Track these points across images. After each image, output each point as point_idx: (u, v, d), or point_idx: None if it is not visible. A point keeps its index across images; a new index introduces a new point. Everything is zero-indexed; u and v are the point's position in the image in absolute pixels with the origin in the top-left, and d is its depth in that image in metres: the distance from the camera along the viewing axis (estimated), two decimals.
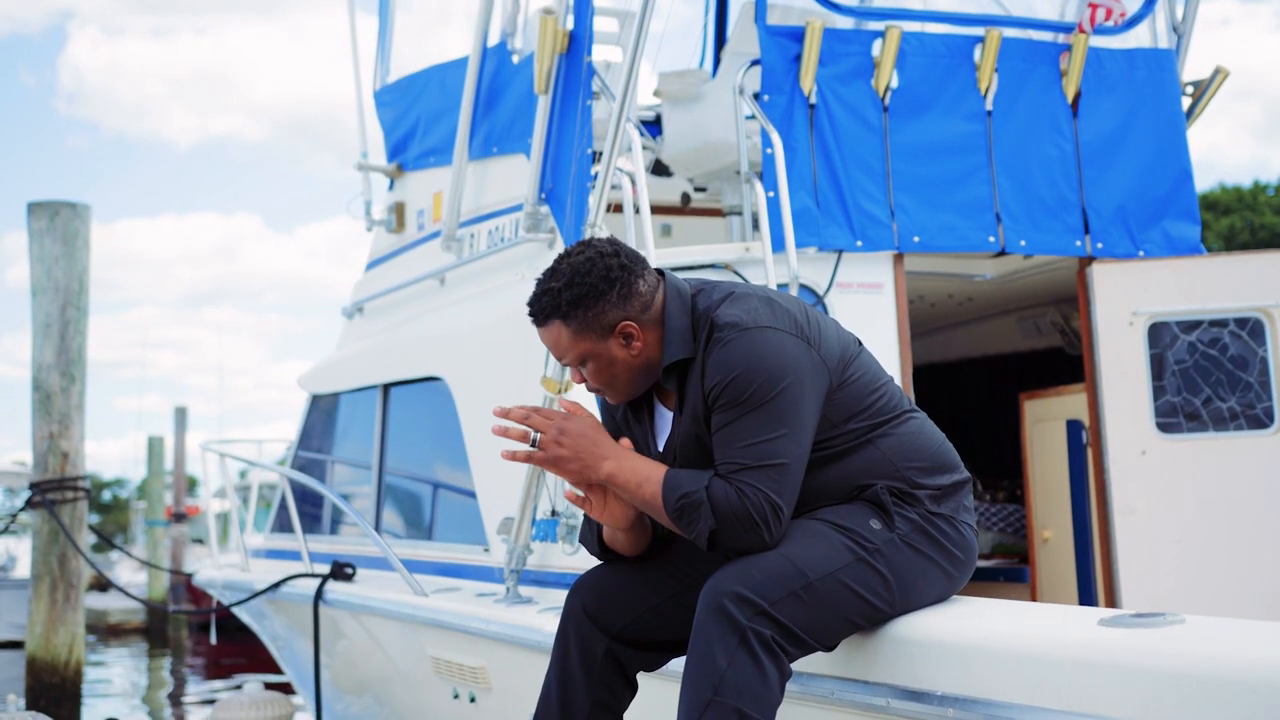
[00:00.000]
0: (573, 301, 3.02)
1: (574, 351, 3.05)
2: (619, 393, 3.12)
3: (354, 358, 7.27)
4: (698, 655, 2.75)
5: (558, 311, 3.03)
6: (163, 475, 23.51)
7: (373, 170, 7.31)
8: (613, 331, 3.02)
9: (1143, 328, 5.29)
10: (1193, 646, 2.28)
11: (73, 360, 8.34)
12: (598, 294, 3.01)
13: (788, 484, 2.83)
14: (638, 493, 2.94)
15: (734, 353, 2.88)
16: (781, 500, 2.82)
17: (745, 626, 2.71)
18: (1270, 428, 5.25)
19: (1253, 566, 5.15)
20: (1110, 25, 5.57)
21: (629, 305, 3.03)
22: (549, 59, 5.12)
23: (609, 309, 3.01)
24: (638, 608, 3.12)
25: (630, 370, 3.07)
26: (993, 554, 6.50)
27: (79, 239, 8.39)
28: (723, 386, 2.87)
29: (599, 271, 3.02)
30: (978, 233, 5.33)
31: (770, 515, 2.80)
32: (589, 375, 3.09)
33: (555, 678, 3.14)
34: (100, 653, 18.18)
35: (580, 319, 3.02)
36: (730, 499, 2.81)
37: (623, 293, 3.02)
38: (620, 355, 3.04)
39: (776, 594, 2.75)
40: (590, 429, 2.99)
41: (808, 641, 2.79)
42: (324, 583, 6.00)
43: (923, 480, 2.99)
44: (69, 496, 8.16)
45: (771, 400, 2.83)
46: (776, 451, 2.82)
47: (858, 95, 5.29)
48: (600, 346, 3.03)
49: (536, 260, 5.47)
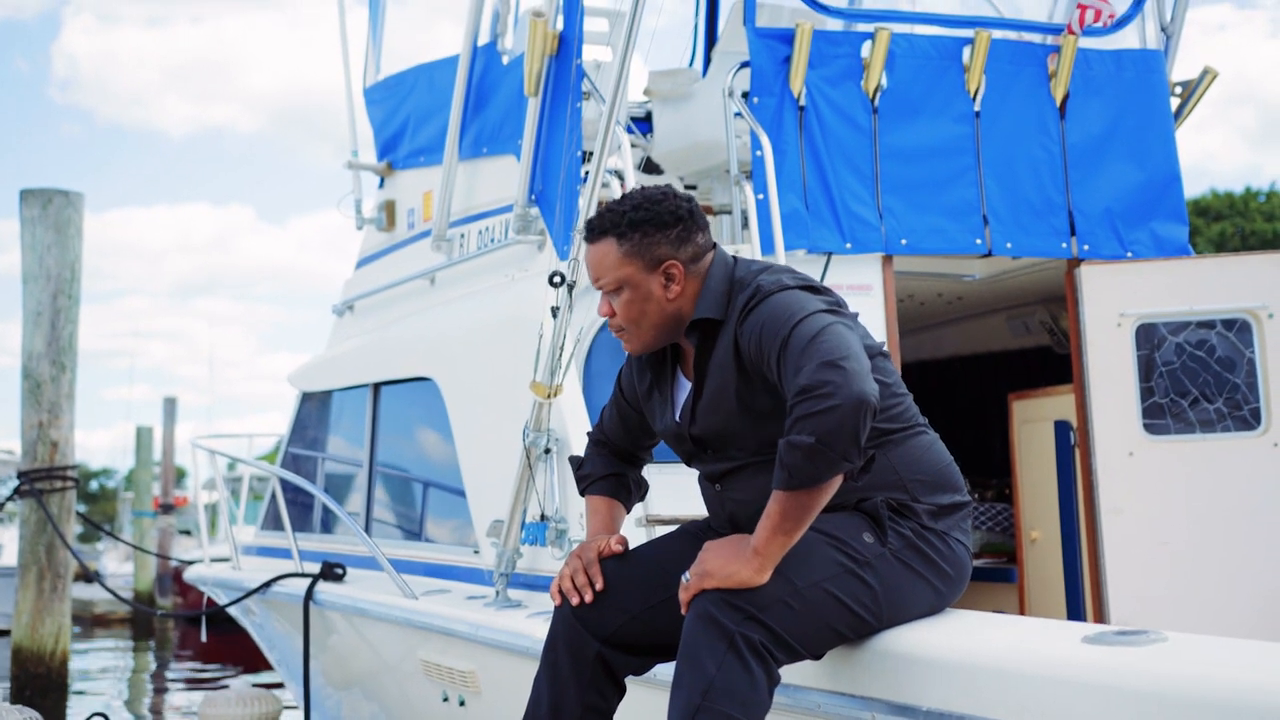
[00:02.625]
0: (633, 223, 3.10)
1: (615, 274, 3.11)
2: (639, 337, 3.15)
3: (344, 356, 7.27)
4: (687, 660, 2.76)
5: (615, 229, 3.12)
6: (151, 466, 23.44)
7: (363, 168, 7.31)
8: (659, 266, 3.10)
9: (1130, 329, 5.30)
10: (1175, 666, 2.30)
11: (63, 349, 8.34)
12: (659, 225, 3.10)
13: (854, 360, 2.72)
14: (781, 529, 2.77)
15: (774, 305, 2.92)
16: (854, 368, 2.69)
17: (734, 631, 2.72)
18: (1257, 429, 5.26)
19: (1240, 567, 5.17)
20: (1099, 26, 5.57)
21: (682, 249, 3.11)
22: (539, 61, 5.11)
23: (663, 244, 3.10)
24: (629, 611, 3.12)
25: (661, 314, 3.11)
26: (981, 553, 6.52)
27: (71, 227, 8.38)
28: (767, 336, 2.88)
29: (668, 207, 3.12)
30: (965, 235, 5.34)
31: (847, 388, 2.65)
32: (620, 307, 3.12)
33: (545, 681, 3.14)
34: (86, 643, 18.17)
35: (634, 242, 3.10)
36: (805, 409, 2.67)
37: (681, 235, 3.11)
38: (657, 293, 3.09)
39: (765, 599, 2.76)
40: (714, 554, 2.85)
41: (795, 648, 2.80)
42: (314, 583, 6.01)
43: (923, 496, 3.00)
44: (57, 486, 8.16)
45: (818, 335, 2.79)
46: (832, 342, 2.75)
47: (847, 97, 5.30)
48: (642, 277, 3.09)
49: (526, 262, 5.48)
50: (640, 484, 3.55)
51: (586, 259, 3.17)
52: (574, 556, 3.21)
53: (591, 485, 3.49)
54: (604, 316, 3.18)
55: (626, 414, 3.46)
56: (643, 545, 3.30)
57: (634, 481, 3.52)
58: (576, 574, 3.15)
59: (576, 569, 3.16)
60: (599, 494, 3.47)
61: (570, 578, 3.15)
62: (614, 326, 3.17)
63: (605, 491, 3.47)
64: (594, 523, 3.41)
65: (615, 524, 3.41)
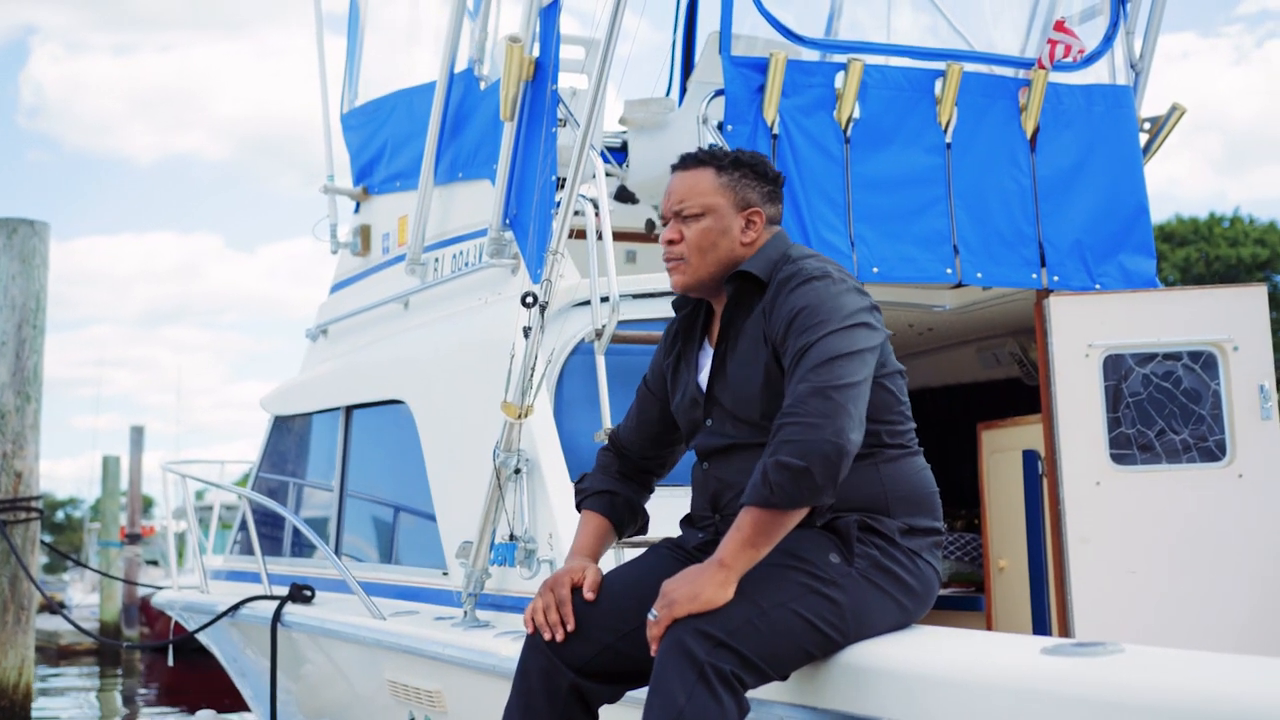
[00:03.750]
0: (736, 162, 3.24)
1: (704, 200, 3.18)
2: (696, 270, 3.19)
3: (317, 380, 7.27)
4: (657, 692, 2.74)
5: (716, 161, 3.24)
6: (118, 495, 23.14)
7: (339, 193, 7.34)
8: (745, 209, 3.21)
9: (1098, 360, 5.35)
10: (1131, 676, 2.32)
11: (28, 379, 8.32)
12: (758, 174, 3.25)
13: (857, 402, 2.83)
14: (751, 543, 2.81)
15: (818, 294, 2.98)
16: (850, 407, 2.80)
17: (704, 662, 2.70)
18: (1222, 460, 5.31)
19: (1206, 596, 5.20)
20: (1069, 62, 5.65)
21: (767, 205, 3.25)
22: (514, 86, 5.16)
23: (756, 192, 3.23)
24: (602, 641, 3.08)
25: (728, 253, 3.18)
26: (949, 583, 6.54)
27: (36, 256, 8.37)
28: (800, 321, 2.93)
29: (766, 164, 3.28)
30: (935, 264, 5.39)
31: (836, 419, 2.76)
32: (694, 233, 3.17)
33: (518, 713, 3.08)
34: (52, 674, 17.98)
35: (732, 178, 3.21)
36: (796, 434, 2.76)
37: (770, 194, 3.27)
38: (734, 232, 3.18)
39: (733, 623, 2.75)
40: (676, 582, 2.86)
41: (764, 671, 2.80)
42: (282, 605, 6.00)
43: (901, 514, 3.03)
44: (21, 517, 8.11)
45: (840, 358, 2.85)
46: (845, 374, 2.84)
47: (820, 126, 5.35)
48: (728, 211, 3.19)
49: (500, 285, 5.51)
50: (638, 512, 3.48)
51: (673, 185, 3.24)
52: (546, 589, 3.14)
53: (586, 500, 3.45)
54: (667, 242, 3.22)
55: (647, 407, 3.47)
56: (613, 572, 3.25)
57: (628, 505, 3.45)
58: (549, 610, 3.09)
59: (549, 604, 3.10)
60: (591, 509, 3.43)
61: (543, 612, 3.10)
62: (674, 255, 3.21)
63: (597, 508, 3.42)
64: (577, 539, 3.37)
65: (599, 545, 3.37)
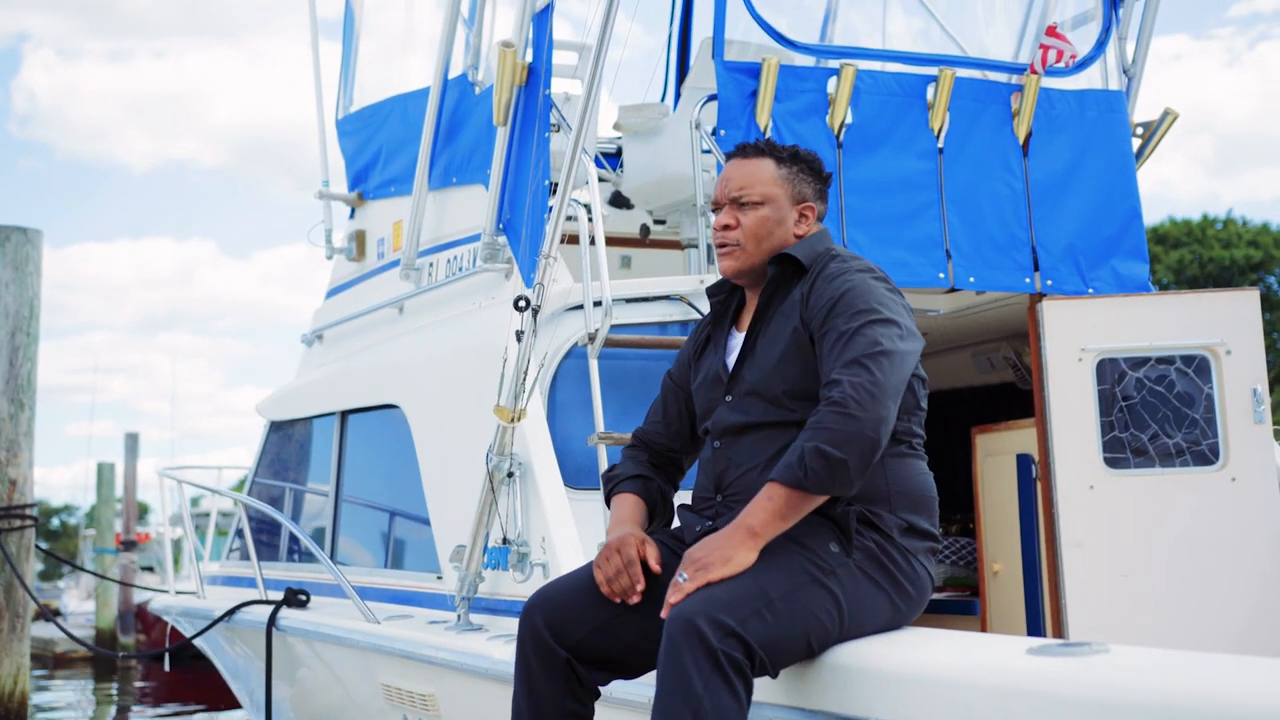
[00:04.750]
0: (794, 157, 3.35)
1: (763, 189, 3.28)
2: (749, 256, 3.27)
3: (312, 385, 7.28)
4: (673, 679, 2.71)
5: (775, 154, 3.34)
6: (113, 502, 23.04)
7: (334, 199, 7.35)
8: (800, 203, 3.32)
9: (1091, 364, 5.36)
10: (1115, 675, 2.33)
11: (22, 387, 8.31)
12: (813, 171, 3.37)
13: (895, 397, 2.90)
14: (781, 516, 2.86)
15: (863, 286, 3.06)
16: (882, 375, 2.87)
17: (717, 649, 2.70)
18: (1215, 464, 5.32)
19: (1199, 600, 5.21)
20: (1061, 67, 5.67)
21: (820, 201, 3.37)
22: (508, 91, 5.17)
23: (811, 187, 3.35)
24: (593, 622, 3.10)
25: (780, 243, 3.26)
26: (944, 586, 6.55)
27: (29, 264, 8.36)
28: (842, 307, 3.01)
29: (820, 162, 3.40)
30: (928, 269, 5.40)
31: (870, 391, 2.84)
32: (752, 221, 3.26)
33: (523, 696, 3.13)
34: (48, 682, 17.95)
35: (791, 170, 3.33)
36: (836, 423, 2.81)
37: (822, 191, 3.39)
38: (788, 224, 3.29)
39: (744, 612, 2.75)
40: (704, 546, 2.89)
41: (763, 663, 2.79)
42: (277, 609, 6.00)
43: (901, 511, 3.05)
44: (16, 525, 8.11)
45: (884, 352, 2.91)
46: (890, 368, 2.91)
47: (812, 131, 5.36)
48: (784, 202, 3.29)
49: (493, 290, 5.52)
50: (668, 502, 3.46)
51: (730, 172, 3.32)
52: (611, 551, 3.11)
53: (618, 485, 3.42)
54: (722, 225, 3.28)
55: (671, 400, 3.50)
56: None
57: (660, 492, 3.44)
58: (620, 576, 3.08)
59: (619, 570, 3.08)
60: (624, 491, 3.40)
61: (612, 579, 3.08)
62: (728, 240, 3.27)
63: (631, 490, 3.39)
64: (618, 511, 3.34)
65: (638, 515, 3.33)
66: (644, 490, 3.41)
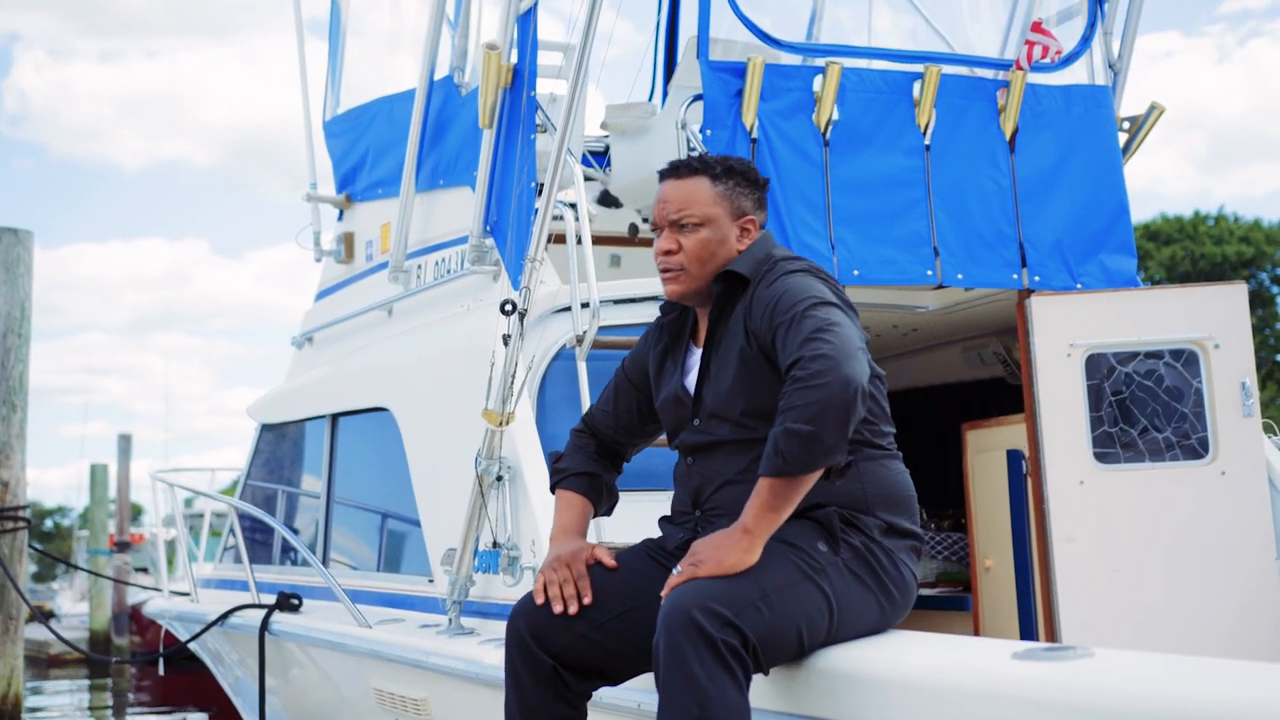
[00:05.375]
0: (728, 171, 3.26)
1: (702, 209, 3.21)
2: (694, 279, 3.21)
3: (303, 388, 7.27)
4: (676, 672, 2.70)
5: (709, 170, 3.26)
6: (106, 503, 22.96)
7: (322, 201, 7.34)
8: (741, 217, 3.25)
9: (1080, 359, 5.37)
10: (1100, 680, 2.34)
11: (14, 388, 8.29)
12: (751, 182, 3.30)
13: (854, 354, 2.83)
14: (772, 508, 2.84)
15: (791, 283, 3.04)
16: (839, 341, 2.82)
17: (716, 638, 2.69)
18: (1205, 458, 5.33)
19: (1188, 594, 5.22)
20: (1047, 63, 5.67)
21: (759, 212, 3.30)
22: (493, 93, 5.17)
23: (749, 199, 3.27)
24: (577, 630, 3.12)
25: (724, 262, 3.19)
26: (936, 582, 6.55)
27: (21, 265, 8.35)
28: (780, 310, 2.97)
29: (754, 170, 3.32)
30: (916, 266, 5.40)
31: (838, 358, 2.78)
32: (694, 243, 3.19)
33: (514, 701, 3.14)
34: (42, 684, 17.92)
35: (728, 187, 3.25)
36: (801, 399, 2.76)
37: (761, 200, 3.32)
38: (731, 242, 3.22)
39: (740, 605, 2.75)
40: (702, 544, 2.90)
41: (757, 657, 2.78)
42: (269, 613, 6.00)
43: (880, 511, 3.05)
44: (9, 527, 8.09)
45: (823, 326, 2.87)
46: (836, 333, 2.85)
47: (799, 130, 5.36)
48: (724, 221, 3.22)
49: (482, 292, 5.52)
50: (612, 492, 3.54)
51: (667, 193, 3.24)
52: (562, 564, 3.17)
53: (566, 480, 3.47)
54: (664, 250, 3.22)
55: (624, 395, 3.49)
56: (593, 567, 3.27)
57: (607, 487, 3.51)
58: (566, 584, 3.13)
59: (566, 579, 3.13)
60: (571, 490, 3.45)
61: (559, 585, 3.13)
62: (672, 264, 3.21)
63: (579, 489, 3.45)
64: (564, 517, 3.39)
65: (585, 525, 3.41)
66: (591, 489, 3.47)
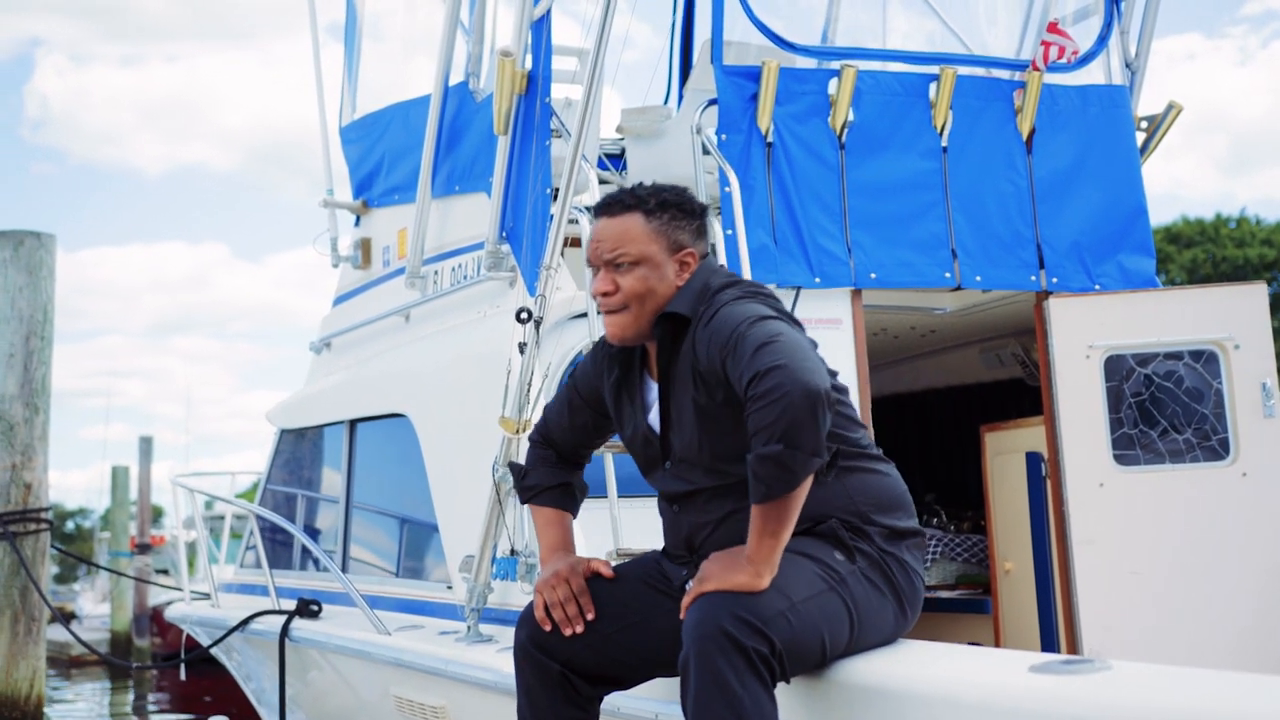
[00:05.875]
0: (662, 205, 3.10)
1: (639, 249, 3.07)
2: (634, 320, 3.09)
3: (321, 394, 7.29)
4: (709, 683, 2.67)
5: (643, 205, 3.10)
6: (127, 505, 23.16)
7: (338, 207, 7.35)
8: (678, 252, 3.10)
9: (1099, 361, 5.34)
10: (1118, 694, 2.32)
11: (36, 391, 8.32)
12: (687, 213, 3.14)
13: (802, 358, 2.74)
14: (770, 533, 2.78)
15: (724, 314, 2.94)
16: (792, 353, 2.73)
17: (749, 647, 2.68)
18: (1226, 459, 5.30)
19: (1211, 596, 5.20)
20: (1063, 63, 5.64)
21: (698, 243, 3.15)
22: (507, 100, 5.16)
23: (687, 232, 3.12)
24: (580, 638, 3.13)
25: (664, 299, 3.07)
26: (956, 584, 6.53)
27: (43, 269, 8.37)
28: (716, 344, 2.89)
29: (691, 200, 3.16)
30: (934, 269, 5.38)
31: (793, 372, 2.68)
32: (631, 282, 3.06)
33: (525, 706, 3.17)
34: (63, 685, 18.00)
35: (662, 221, 3.09)
36: (766, 418, 2.68)
37: (700, 229, 3.16)
38: (669, 277, 3.08)
39: (768, 613, 2.73)
40: (713, 563, 2.86)
41: (784, 666, 2.77)
42: (289, 620, 6.01)
43: (877, 516, 3.03)
44: (31, 529, 8.13)
45: (765, 340, 2.78)
46: (778, 343, 2.77)
47: (814, 133, 5.35)
48: (663, 258, 3.08)
49: (498, 298, 5.52)
50: (583, 490, 3.52)
51: (601, 232, 3.11)
52: (561, 580, 3.16)
53: (540, 496, 3.44)
54: (601, 292, 3.11)
55: (578, 412, 3.42)
56: (591, 578, 3.28)
57: (578, 489, 3.50)
58: (568, 603, 3.13)
59: (567, 597, 3.13)
60: (548, 505, 3.43)
61: (561, 606, 3.13)
62: (611, 305, 3.09)
63: (554, 503, 3.43)
64: (551, 534, 3.38)
65: (570, 536, 3.41)
66: (566, 500, 3.45)
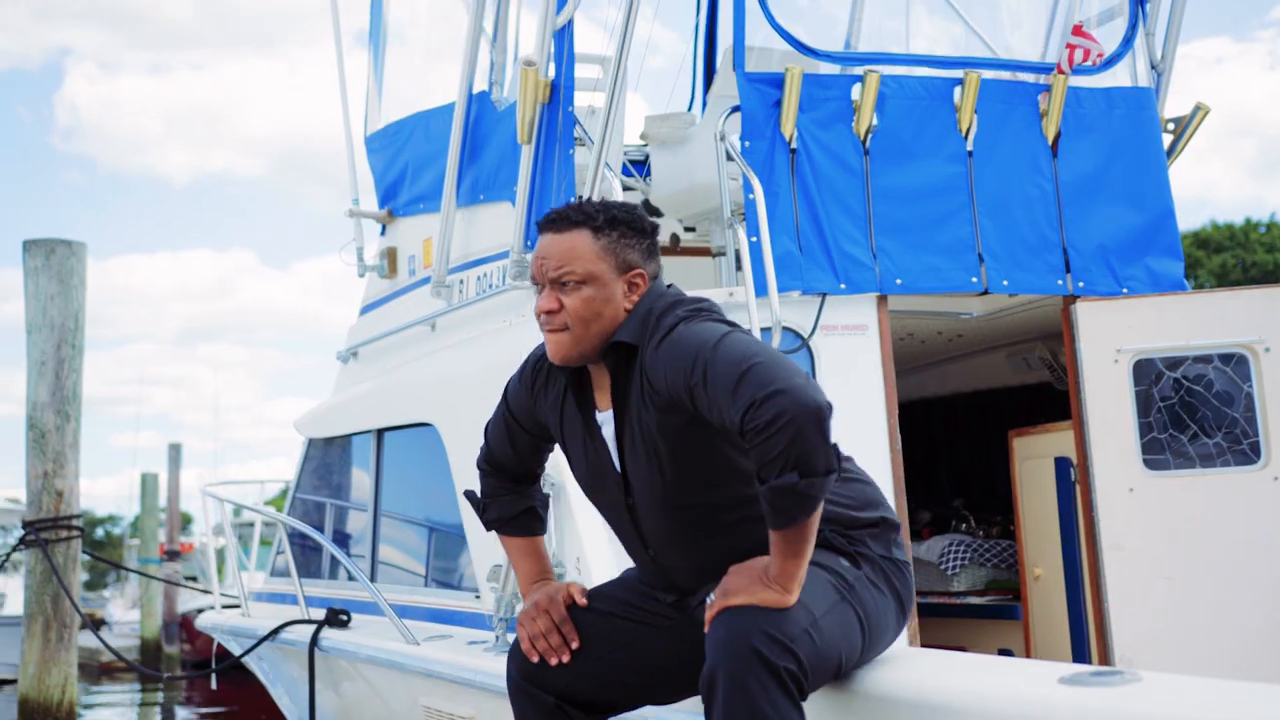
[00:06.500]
0: (611, 222, 2.95)
1: (586, 268, 2.91)
2: (579, 341, 2.94)
3: (348, 402, 7.31)
4: (738, 703, 2.61)
5: (591, 223, 2.94)
6: (156, 512, 23.31)
7: (364, 216, 7.36)
8: (628, 272, 2.95)
9: (1127, 365, 5.31)
10: (1149, 706, 2.31)
11: (67, 399, 8.37)
12: (636, 231, 2.98)
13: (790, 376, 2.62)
14: (798, 554, 2.71)
15: (680, 340, 2.80)
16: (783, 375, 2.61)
17: (779, 666, 2.62)
18: (1257, 463, 5.26)
19: (1240, 602, 5.16)
20: (1088, 65, 5.61)
21: (648, 264, 2.99)
22: (531, 109, 5.17)
23: (635, 251, 2.97)
24: (574, 669, 3.11)
25: (613, 321, 2.93)
26: (986, 590, 6.51)
27: (74, 277, 8.42)
28: (678, 372, 2.75)
29: (640, 218, 3.00)
30: (960, 273, 5.36)
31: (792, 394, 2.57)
32: (576, 303, 2.90)
33: None
34: (94, 692, 18.11)
35: (611, 240, 2.94)
36: (774, 449, 2.57)
37: (650, 249, 3.00)
38: (618, 299, 2.93)
39: (794, 630, 2.68)
40: (737, 576, 2.78)
41: (809, 681, 2.73)
42: (319, 630, 6.03)
43: (855, 514, 2.99)
44: (62, 535, 8.18)
45: (746, 366, 2.64)
46: (757, 365, 2.64)
47: (838, 139, 5.34)
48: (611, 278, 2.93)
49: (524, 307, 5.52)
50: (545, 502, 3.44)
51: (547, 248, 2.94)
52: (540, 612, 3.11)
53: (505, 527, 3.39)
54: (544, 310, 2.94)
55: (517, 435, 3.31)
56: (572, 606, 3.22)
57: (540, 506, 3.42)
58: (550, 634, 3.08)
59: (549, 629, 3.09)
60: (517, 535, 3.38)
61: (544, 637, 3.08)
62: (555, 325, 2.93)
63: (522, 531, 3.38)
64: (527, 566, 3.34)
65: (546, 562, 3.37)
66: (531, 523, 3.39)
